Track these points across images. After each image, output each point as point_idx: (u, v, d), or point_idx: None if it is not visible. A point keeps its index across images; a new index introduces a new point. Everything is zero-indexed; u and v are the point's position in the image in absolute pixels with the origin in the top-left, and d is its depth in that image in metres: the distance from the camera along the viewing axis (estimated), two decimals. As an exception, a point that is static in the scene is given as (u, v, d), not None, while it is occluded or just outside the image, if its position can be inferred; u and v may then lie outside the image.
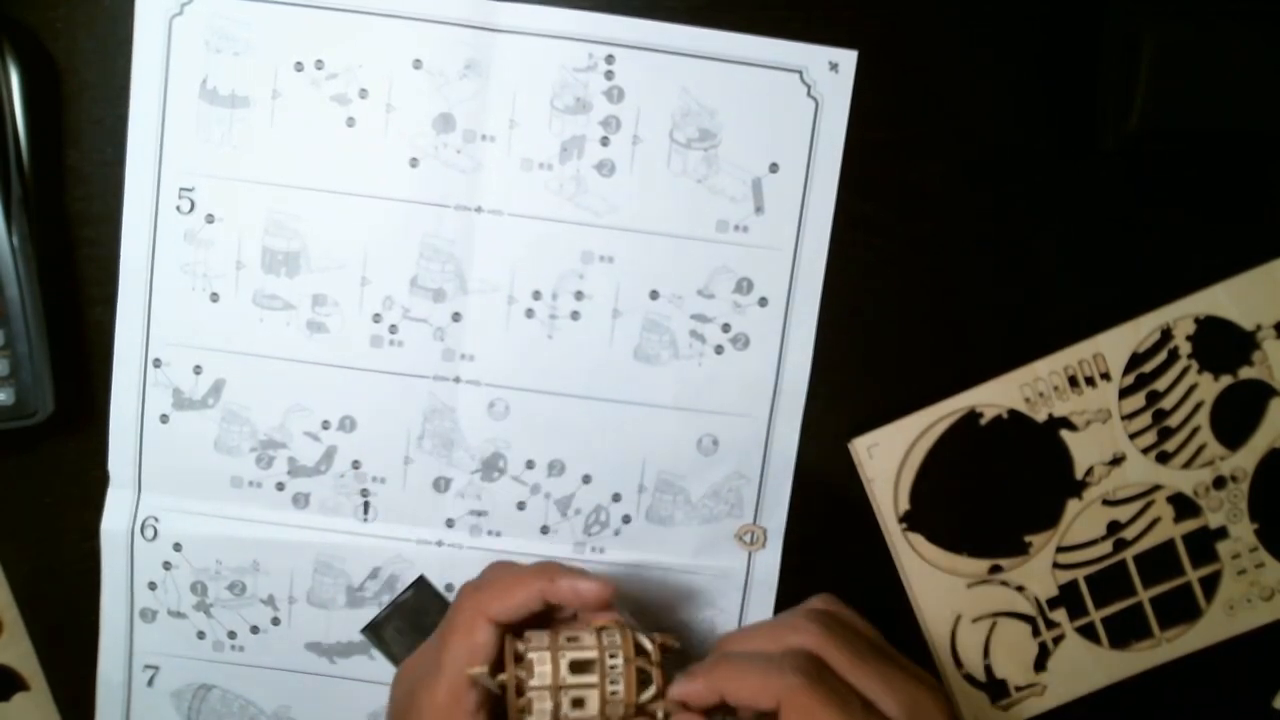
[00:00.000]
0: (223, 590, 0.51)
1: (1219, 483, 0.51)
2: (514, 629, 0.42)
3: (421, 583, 0.51)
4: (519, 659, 0.40)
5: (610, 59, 0.48)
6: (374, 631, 0.51)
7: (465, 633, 0.41)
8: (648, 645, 0.41)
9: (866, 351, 0.50)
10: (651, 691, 0.40)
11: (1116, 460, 0.50)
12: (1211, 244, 0.50)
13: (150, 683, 0.52)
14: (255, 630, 0.51)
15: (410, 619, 0.51)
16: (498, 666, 0.41)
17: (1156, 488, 0.51)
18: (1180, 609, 0.51)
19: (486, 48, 0.47)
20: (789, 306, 0.49)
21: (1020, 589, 0.51)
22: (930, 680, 0.43)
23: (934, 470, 0.50)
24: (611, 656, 0.40)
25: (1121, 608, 0.51)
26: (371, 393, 0.49)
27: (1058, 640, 0.51)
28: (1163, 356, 0.50)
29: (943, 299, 0.50)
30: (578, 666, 0.40)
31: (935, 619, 0.51)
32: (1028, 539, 0.51)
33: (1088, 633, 0.51)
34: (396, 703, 0.44)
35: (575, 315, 0.49)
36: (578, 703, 0.40)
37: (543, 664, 0.40)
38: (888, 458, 0.50)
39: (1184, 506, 0.51)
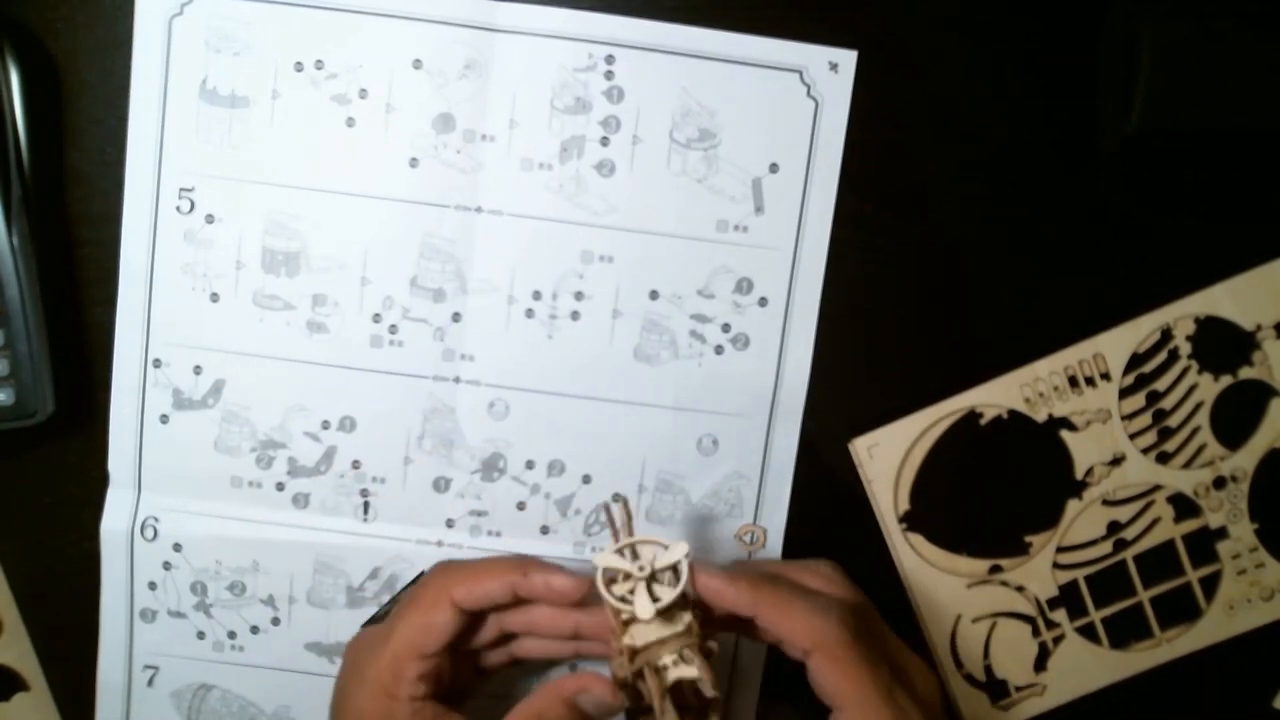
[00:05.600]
0: (223, 590, 0.51)
1: (1219, 483, 0.51)
2: (478, 616, 0.42)
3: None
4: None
5: (610, 59, 0.48)
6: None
7: (425, 609, 0.41)
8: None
9: (866, 351, 0.50)
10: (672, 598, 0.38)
11: (1116, 460, 0.50)
12: (1211, 244, 0.50)
13: (150, 683, 0.52)
14: (255, 630, 0.51)
15: (410, 619, 0.51)
16: (450, 649, 0.40)
17: (1156, 488, 0.51)
18: (1180, 609, 0.51)
19: (486, 48, 0.47)
20: (789, 306, 0.49)
21: (1020, 589, 0.51)
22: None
23: (934, 470, 0.50)
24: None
25: (1121, 608, 0.51)
26: (371, 393, 0.49)
27: (1058, 640, 0.51)
28: (1163, 357, 0.50)
29: (942, 299, 0.50)
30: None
31: (935, 619, 0.51)
32: (1028, 539, 0.51)
33: (1088, 633, 0.51)
34: (344, 666, 0.44)
35: (575, 315, 0.49)
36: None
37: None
38: (888, 458, 0.50)
39: (1184, 506, 0.51)
